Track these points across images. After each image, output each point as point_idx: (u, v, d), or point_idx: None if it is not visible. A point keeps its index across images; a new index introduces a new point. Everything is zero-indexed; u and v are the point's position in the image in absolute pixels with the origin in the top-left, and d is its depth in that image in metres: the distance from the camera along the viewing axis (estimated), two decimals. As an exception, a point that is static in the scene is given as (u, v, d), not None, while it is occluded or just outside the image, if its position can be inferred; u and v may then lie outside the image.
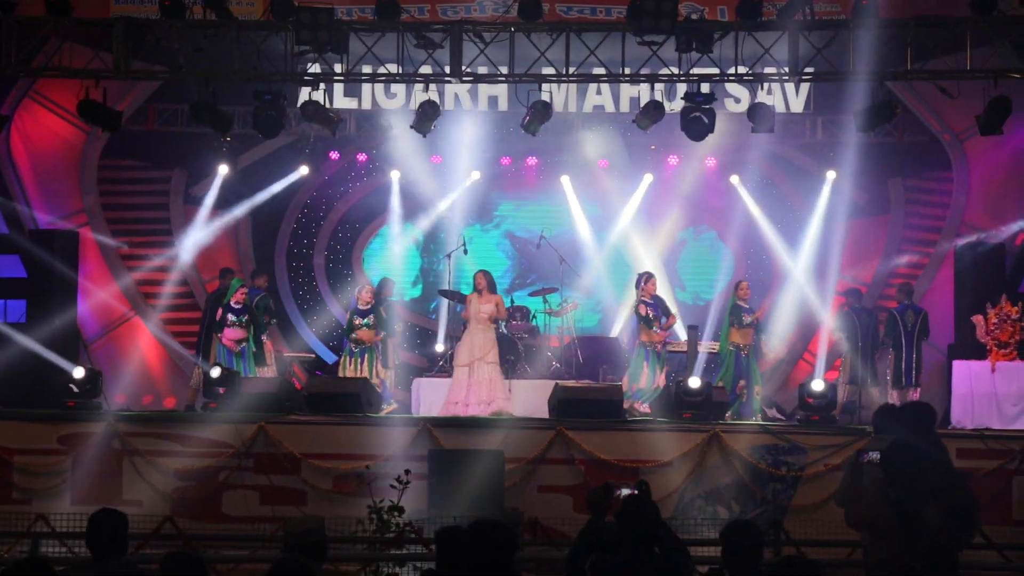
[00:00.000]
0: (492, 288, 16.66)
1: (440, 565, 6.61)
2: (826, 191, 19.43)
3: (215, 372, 15.66)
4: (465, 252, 18.93)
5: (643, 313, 16.63)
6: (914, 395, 16.48)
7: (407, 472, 13.07)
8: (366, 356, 16.78)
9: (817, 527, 13.05)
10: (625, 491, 6.95)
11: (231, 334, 16.64)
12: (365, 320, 16.85)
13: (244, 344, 16.64)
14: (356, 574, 12.60)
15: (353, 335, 16.84)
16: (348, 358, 16.89)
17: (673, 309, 17.63)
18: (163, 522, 12.85)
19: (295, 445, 14.54)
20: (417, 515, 12.72)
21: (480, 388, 16.11)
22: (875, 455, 8.38)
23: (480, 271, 16.89)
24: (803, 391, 15.58)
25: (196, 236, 19.38)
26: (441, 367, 17.73)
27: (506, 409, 15.95)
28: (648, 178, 20.17)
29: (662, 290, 17.61)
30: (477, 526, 5.92)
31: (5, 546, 12.76)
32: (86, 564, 6.92)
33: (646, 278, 16.93)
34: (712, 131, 15.11)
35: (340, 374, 16.91)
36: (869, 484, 8.49)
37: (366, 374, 16.51)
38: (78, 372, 15.54)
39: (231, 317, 16.66)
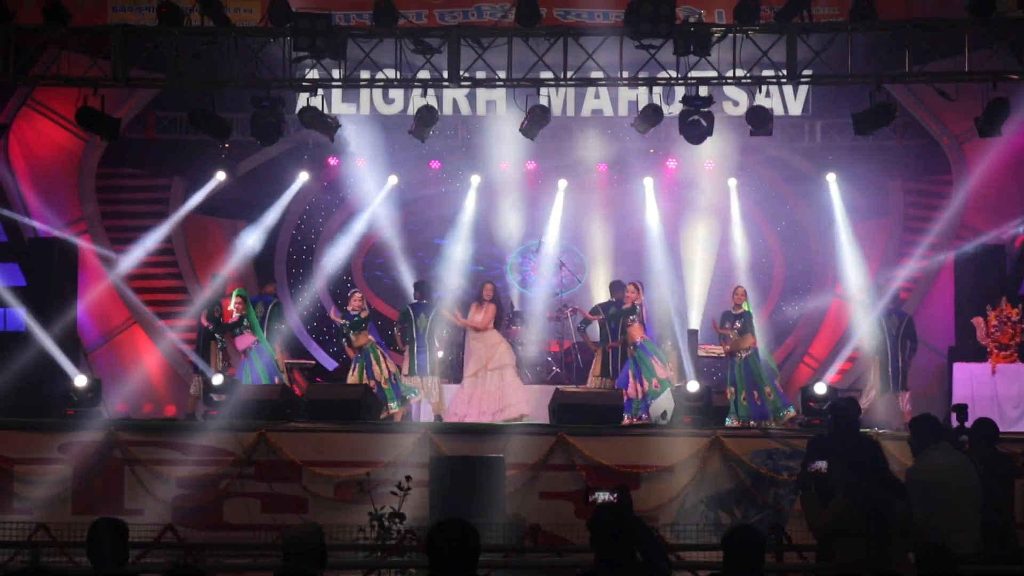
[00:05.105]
0: (491, 299, 16.68)
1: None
2: (835, 193, 19.35)
3: (217, 379, 15.62)
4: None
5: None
6: (903, 399, 16.33)
7: (408, 479, 13.02)
8: (371, 358, 16.68)
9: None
10: (603, 496, 6.83)
11: (239, 343, 16.76)
12: (356, 324, 16.78)
13: (252, 349, 16.69)
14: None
15: (348, 341, 16.76)
16: (353, 366, 16.78)
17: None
18: (164, 531, 12.79)
19: (296, 452, 14.50)
20: (419, 522, 12.67)
21: (491, 398, 16.14)
22: (822, 464, 8.27)
23: (487, 281, 17.00)
24: (805, 394, 15.54)
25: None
26: (442, 373, 17.68)
27: (522, 413, 15.99)
28: (649, 182, 20.16)
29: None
30: (438, 526, 5.83)
31: (6, 556, 12.73)
32: (87, 574, 6.90)
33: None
34: (710, 134, 15.07)
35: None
36: (817, 494, 8.37)
37: (368, 379, 16.44)
38: (80, 380, 15.53)
39: (236, 328, 16.80)
